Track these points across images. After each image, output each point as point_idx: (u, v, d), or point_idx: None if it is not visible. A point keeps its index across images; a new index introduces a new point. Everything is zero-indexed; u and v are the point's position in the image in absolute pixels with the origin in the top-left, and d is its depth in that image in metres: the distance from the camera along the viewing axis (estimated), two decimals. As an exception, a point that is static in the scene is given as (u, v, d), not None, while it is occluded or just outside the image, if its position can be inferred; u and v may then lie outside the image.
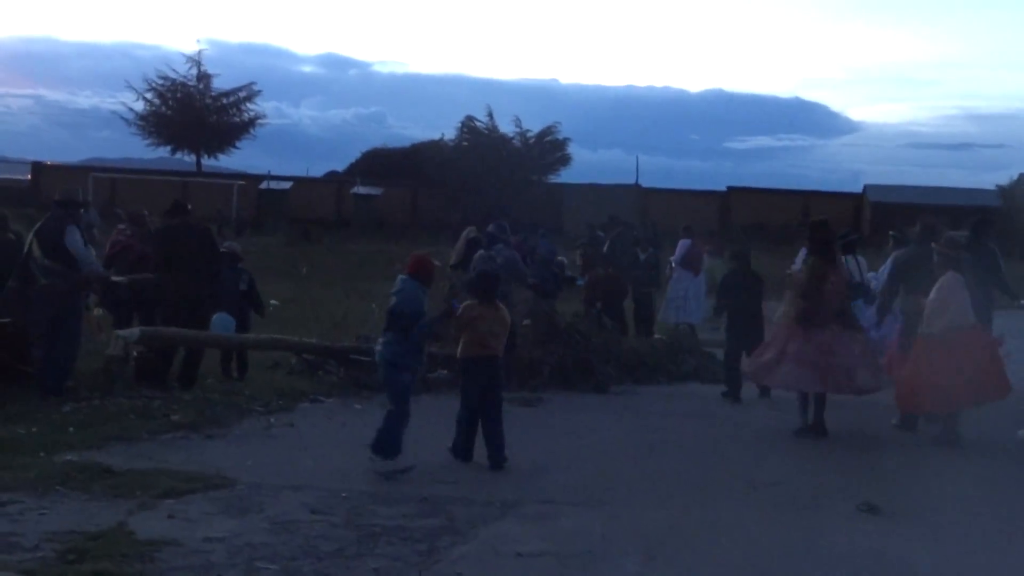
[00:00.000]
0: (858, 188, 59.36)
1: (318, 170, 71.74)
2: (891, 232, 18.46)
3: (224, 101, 65.07)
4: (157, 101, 63.92)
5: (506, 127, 58.52)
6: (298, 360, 15.20)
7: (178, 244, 13.94)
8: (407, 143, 64.30)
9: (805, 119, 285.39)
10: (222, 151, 66.59)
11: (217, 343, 14.43)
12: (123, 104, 64.78)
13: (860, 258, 17.80)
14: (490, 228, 18.57)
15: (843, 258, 17.86)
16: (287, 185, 57.47)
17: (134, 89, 63.61)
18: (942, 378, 12.01)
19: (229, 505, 8.80)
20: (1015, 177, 54.88)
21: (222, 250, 15.02)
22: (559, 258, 22.53)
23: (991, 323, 13.32)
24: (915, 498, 9.80)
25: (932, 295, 12.26)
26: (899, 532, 8.70)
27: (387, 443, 10.23)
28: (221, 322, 14.25)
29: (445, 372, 14.65)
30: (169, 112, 63.69)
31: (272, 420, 12.35)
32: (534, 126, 59.02)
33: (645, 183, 60.35)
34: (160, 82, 63.80)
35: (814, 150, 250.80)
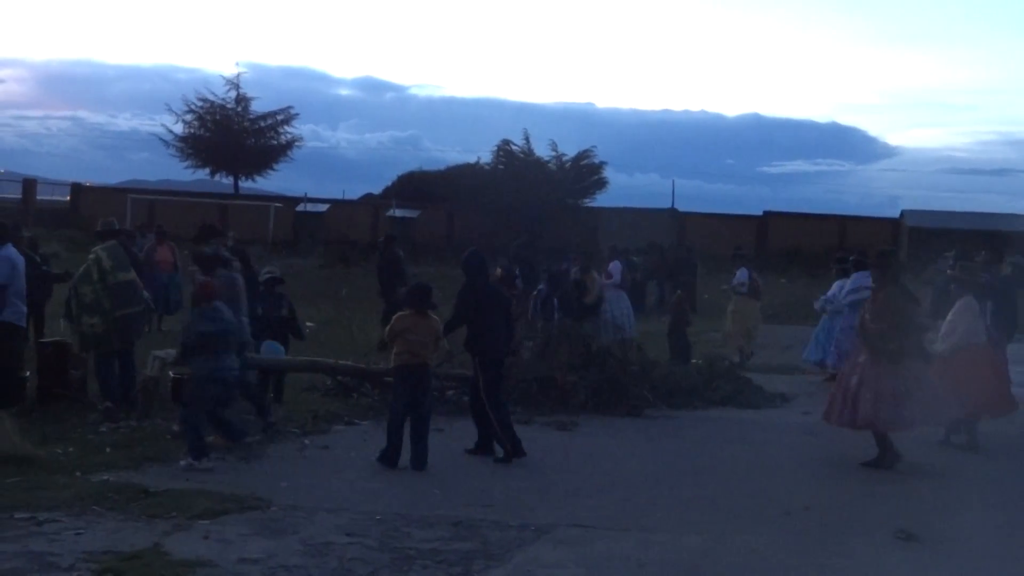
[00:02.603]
0: (895, 213, 58.98)
1: (354, 192, 71.76)
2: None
3: (262, 124, 65.28)
4: (196, 123, 64.22)
5: (542, 151, 58.48)
6: (333, 382, 15.24)
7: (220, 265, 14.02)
8: (443, 166, 64.29)
9: (842, 144, 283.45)
10: (260, 173, 66.77)
11: (255, 364, 14.46)
12: (162, 126, 65.11)
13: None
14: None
15: (839, 281, 18.75)
16: (323, 207, 57.66)
17: (173, 111, 63.90)
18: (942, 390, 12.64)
19: (264, 527, 8.83)
20: (1055, 202, 54.57)
21: (264, 276, 15.03)
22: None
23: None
24: (952, 525, 9.69)
25: (948, 316, 13.35)
26: (936, 560, 8.63)
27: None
28: (270, 350, 14.27)
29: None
30: (207, 134, 63.97)
31: (307, 442, 12.39)
32: (570, 150, 58.95)
33: (681, 207, 60.14)
34: (199, 104, 64.02)
35: (851, 175, 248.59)
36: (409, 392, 11.51)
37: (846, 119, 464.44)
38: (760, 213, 58.21)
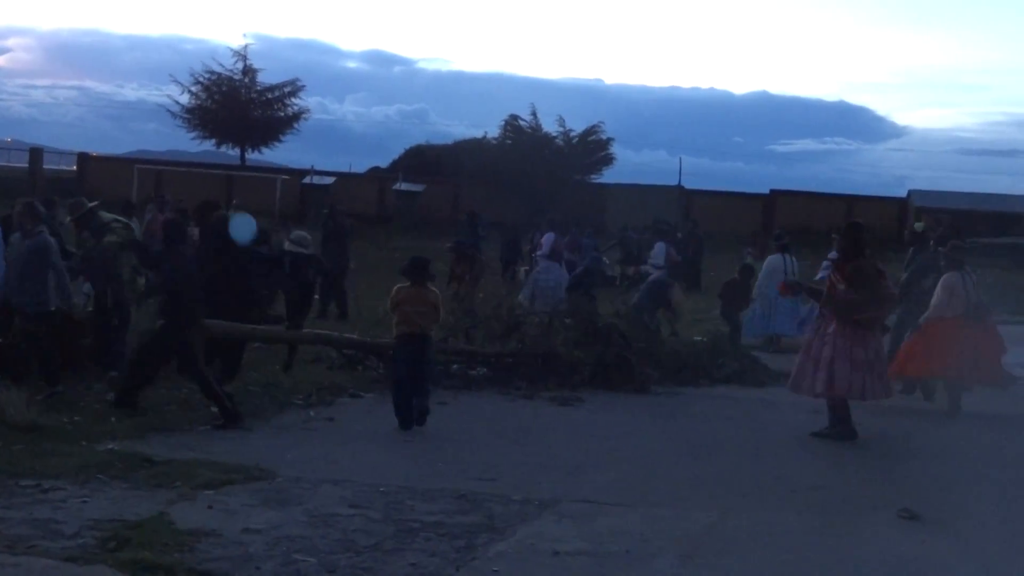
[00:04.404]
0: (903, 193, 58.92)
1: (361, 166, 71.76)
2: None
3: (269, 96, 65.16)
4: (203, 95, 64.09)
5: (550, 126, 58.54)
6: (339, 355, 15.24)
7: (229, 238, 14.01)
8: (450, 141, 64.25)
9: (850, 123, 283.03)
10: (266, 145, 66.71)
11: (259, 336, 14.46)
12: (169, 97, 64.98)
13: (792, 258, 19.20)
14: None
15: (779, 256, 19.19)
16: (330, 180, 57.57)
17: (180, 83, 63.85)
18: (941, 349, 13.86)
19: (268, 497, 8.85)
20: (1063, 184, 54.47)
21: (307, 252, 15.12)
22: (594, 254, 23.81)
23: None
24: (956, 504, 9.71)
25: (939, 289, 14.16)
26: (940, 539, 8.63)
27: None
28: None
29: (485, 370, 14.73)
30: (214, 106, 63.87)
31: (312, 414, 12.40)
32: (578, 126, 59.03)
33: (688, 185, 60.01)
34: (206, 76, 63.92)
35: (859, 154, 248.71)
36: (408, 361, 11.73)
37: (855, 98, 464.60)
38: (767, 191, 58.13)
